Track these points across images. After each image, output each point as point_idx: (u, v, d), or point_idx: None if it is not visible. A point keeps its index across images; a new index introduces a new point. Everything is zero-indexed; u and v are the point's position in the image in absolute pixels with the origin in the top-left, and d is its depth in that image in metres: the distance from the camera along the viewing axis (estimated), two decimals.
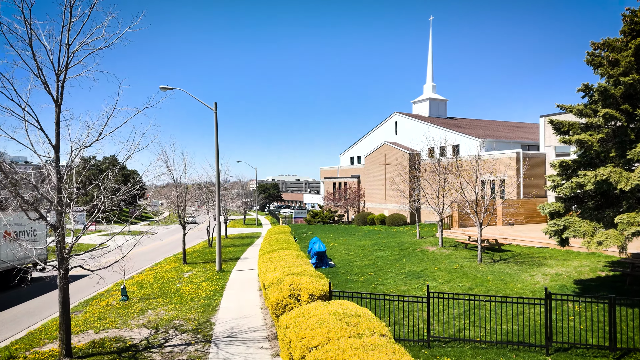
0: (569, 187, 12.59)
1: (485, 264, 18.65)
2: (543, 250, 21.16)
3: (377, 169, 45.59)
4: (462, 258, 20.43)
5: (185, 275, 23.81)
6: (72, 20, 9.99)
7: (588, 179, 12.04)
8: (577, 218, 12.82)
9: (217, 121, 25.23)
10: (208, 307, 15.84)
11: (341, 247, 27.29)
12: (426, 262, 20.18)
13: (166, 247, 38.64)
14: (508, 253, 20.89)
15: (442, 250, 22.50)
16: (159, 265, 28.07)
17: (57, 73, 10.12)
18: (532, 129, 48.83)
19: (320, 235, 36.79)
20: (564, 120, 13.63)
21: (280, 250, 17.64)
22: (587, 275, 16.05)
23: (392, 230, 35.48)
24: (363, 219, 43.12)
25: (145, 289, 19.95)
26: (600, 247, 11.61)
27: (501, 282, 15.79)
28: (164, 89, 24.46)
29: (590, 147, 12.52)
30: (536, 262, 18.46)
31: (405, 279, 17.18)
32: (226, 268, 25.33)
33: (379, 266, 20.32)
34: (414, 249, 23.68)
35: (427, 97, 47.78)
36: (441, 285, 15.94)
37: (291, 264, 13.94)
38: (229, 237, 48.17)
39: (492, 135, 38.50)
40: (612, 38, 13.18)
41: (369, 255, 23.41)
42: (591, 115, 13.32)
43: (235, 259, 29.85)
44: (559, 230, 12.75)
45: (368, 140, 51.45)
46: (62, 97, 10.25)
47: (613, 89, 12.29)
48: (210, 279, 21.88)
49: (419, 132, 42.99)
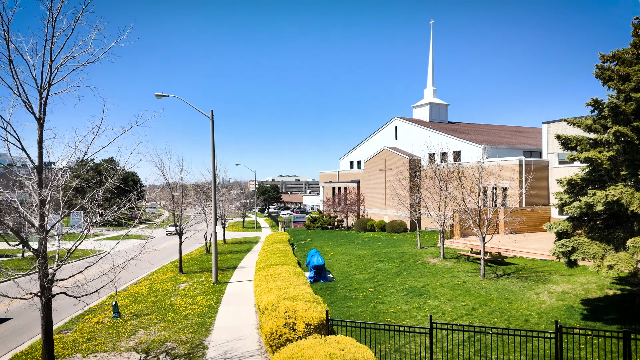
0: (578, 207, 12.05)
1: (489, 279, 18.10)
2: (547, 263, 20.61)
3: (377, 174, 45.05)
4: (465, 272, 19.88)
5: (181, 286, 23.27)
6: (55, 35, 9.45)
7: (598, 199, 11.50)
8: (585, 239, 12.27)
9: (213, 129, 24.70)
10: (202, 326, 15.29)
11: (340, 257, 26.74)
12: (427, 277, 19.63)
13: (163, 254, 38.10)
14: (511, 267, 20.34)
15: (443, 263, 21.95)
16: (155, 275, 27.53)
17: (40, 90, 9.58)
18: (534, 134, 48.29)
19: (319, 242, 36.25)
20: (571, 136, 13.09)
21: (277, 266, 17.09)
22: (594, 293, 15.51)
23: (392, 238, 34.92)
24: (363, 225, 42.57)
25: (139, 303, 19.41)
26: (611, 272, 11.07)
27: (505, 301, 15.25)
28: (159, 97, 23.93)
29: (600, 165, 11.98)
30: (541, 277, 17.91)
31: (406, 297, 16.63)
32: (222, 279, 24.79)
33: (379, 280, 19.77)
34: (415, 260, 23.13)
35: (428, 102, 47.23)
36: (443, 304, 15.39)
37: (287, 284, 13.40)
38: (227, 242, 47.62)
39: (494, 142, 37.96)
40: (621, 50, 12.64)
41: (369, 267, 22.86)
42: (600, 130, 12.79)
43: (232, 268, 29.31)
44: (567, 252, 12.21)
45: (368, 145, 50.92)
46: (44, 115, 9.71)
47: (624, 105, 11.75)
48: (206, 292, 21.34)
49: (419, 137, 42.46)
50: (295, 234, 46.56)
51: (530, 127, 56.77)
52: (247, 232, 61.78)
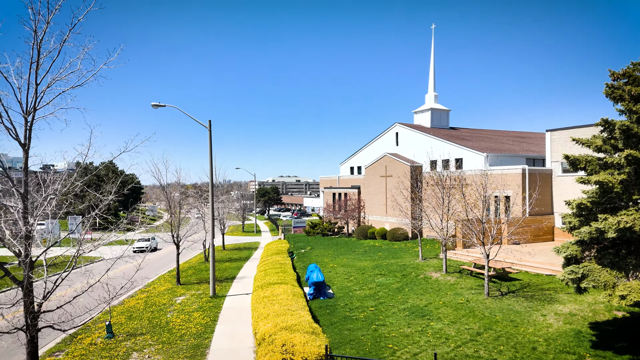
0: (588, 232, 11.56)
1: (493, 298, 17.61)
2: (552, 279, 20.13)
3: (377, 180, 44.57)
4: (468, 289, 19.40)
5: (178, 300, 22.80)
6: (40, 57, 9.00)
7: (609, 226, 11.02)
8: (596, 265, 11.79)
9: (211, 139, 24.23)
10: (197, 349, 14.81)
11: (340, 269, 26.25)
12: (430, 294, 19.15)
13: (161, 262, 37.67)
14: (516, 283, 19.86)
15: (446, 278, 21.47)
16: (152, 287, 27.07)
17: (25, 115, 9.12)
18: (537, 140, 47.79)
19: (319, 251, 35.76)
20: (580, 156, 12.61)
21: (275, 286, 16.62)
22: (602, 315, 15.02)
23: (393, 247, 34.42)
24: (363, 232, 42.07)
25: (134, 320, 18.95)
26: (624, 302, 10.59)
27: (511, 324, 14.76)
28: (156, 106, 23.48)
29: (611, 188, 11.50)
30: (547, 296, 17.42)
31: (408, 318, 16.14)
32: (220, 292, 24.32)
33: (380, 297, 19.28)
34: (417, 274, 22.64)
35: (429, 108, 46.74)
36: (447, 327, 14.90)
37: (285, 309, 12.93)
38: (226, 248, 47.15)
39: (496, 149, 37.46)
40: (632, 67, 12.16)
41: (370, 281, 22.38)
42: (611, 152, 12.31)
43: (231, 278, 28.85)
44: (576, 279, 11.72)
45: (369, 151, 50.44)
46: (30, 141, 9.25)
47: (636, 127, 11.27)
48: (203, 307, 20.88)
49: (420, 143, 41.98)
50: (295, 240, 46.07)
51: (532, 132, 56.27)
52: (247, 237, 61.29)
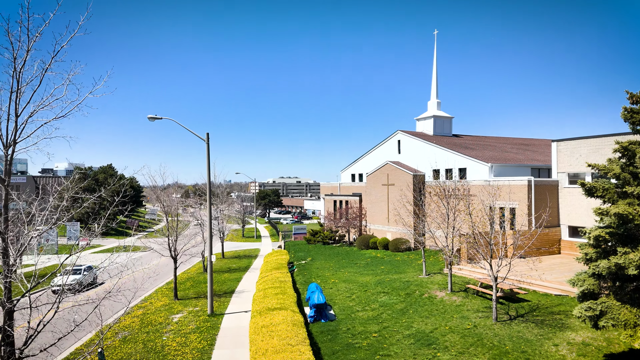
0: (606, 267, 10.88)
1: (502, 323, 16.92)
2: (562, 300, 19.44)
3: (379, 189, 43.88)
4: (475, 311, 18.71)
5: (175, 319, 22.17)
6: (20, 87, 8.34)
7: (630, 261, 10.35)
8: (615, 301, 11.10)
9: (209, 153, 23.57)
10: None
11: (342, 285, 25.57)
12: (436, 317, 18.46)
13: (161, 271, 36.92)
14: (524, 305, 19.16)
15: (451, 298, 20.78)
16: (149, 302, 26.43)
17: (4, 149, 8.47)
18: (541, 147, 47.08)
19: (320, 263, 35.07)
20: (597, 184, 11.93)
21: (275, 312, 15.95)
22: (617, 346, 14.31)
23: (395, 259, 33.73)
24: (365, 242, 41.37)
25: (128, 344, 18.31)
26: None
27: (522, 355, 14.07)
28: (152, 119, 22.85)
29: (630, 220, 10.82)
30: (557, 321, 16.72)
31: (413, 346, 15.45)
32: (219, 309, 23.69)
33: (384, 320, 18.60)
34: (421, 293, 21.95)
35: (432, 115, 46.04)
36: (455, 358, 14.22)
37: (285, 345, 12.27)
38: (226, 255, 46.53)
39: (501, 159, 36.76)
40: None
41: (372, 301, 21.69)
42: (630, 181, 11.62)
43: (229, 292, 28.22)
44: (594, 316, 11.04)
45: (370, 158, 49.76)
46: (9, 176, 8.60)
47: None
48: (200, 328, 20.26)
49: (423, 152, 41.29)
50: (295, 249, 45.40)
51: (536, 139, 55.57)
52: (247, 243, 60.64)
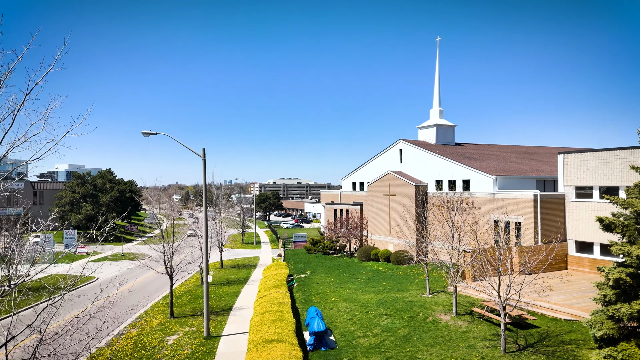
0: (628, 313, 10.10)
1: (511, 355, 16.13)
2: (572, 326, 18.66)
3: (381, 198, 43.10)
4: (482, 339, 17.92)
5: (170, 341, 21.43)
6: None
7: None
8: (636, 349, 10.32)
9: (205, 169, 22.84)
10: None
11: (342, 305, 24.78)
12: (441, 345, 17.68)
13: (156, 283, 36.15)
14: (533, 332, 18.37)
15: (456, 323, 19.99)
16: (144, 319, 25.70)
17: None
18: (546, 156, 46.28)
19: (320, 277, 34.27)
20: (616, 220, 11.13)
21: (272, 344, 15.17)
22: None
23: (397, 273, 32.94)
24: (366, 253, 40.57)
25: None
26: None
27: None
28: (146, 134, 22.15)
29: None
30: (570, 353, 15.91)
31: None
32: (215, 330, 22.97)
33: (387, 349, 17.81)
34: (425, 317, 21.16)
35: (434, 124, 45.25)
36: None
37: None
38: (224, 265, 45.83)
39: (505, 170, 35.96)
40: None
41: (375, 324, 20.91)
42: None
43: (227, 309, 27.49)
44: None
45: (371, 167, 48.98)
46: None
47: None
48: (196, 353, 19.55)
49: (425, 161, 40.51)
50: (295, 259, 44.63)
51: (540, 146, 54.80)
52: (246, 250, 59.90)
